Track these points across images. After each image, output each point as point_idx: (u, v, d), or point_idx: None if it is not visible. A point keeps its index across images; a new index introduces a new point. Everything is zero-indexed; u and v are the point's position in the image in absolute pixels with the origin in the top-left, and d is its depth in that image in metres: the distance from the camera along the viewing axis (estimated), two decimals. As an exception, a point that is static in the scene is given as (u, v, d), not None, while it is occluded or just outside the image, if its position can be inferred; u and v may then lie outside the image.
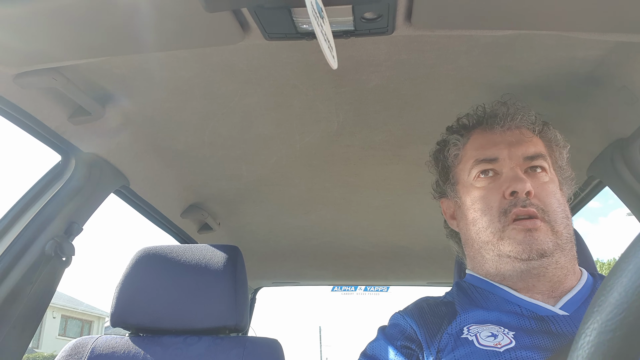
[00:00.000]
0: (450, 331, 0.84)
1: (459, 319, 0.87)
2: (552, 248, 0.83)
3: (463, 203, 0.97)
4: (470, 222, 0.94)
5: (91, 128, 1.28)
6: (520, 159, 0.91)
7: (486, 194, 0.91)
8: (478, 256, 0.94)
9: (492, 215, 0.88)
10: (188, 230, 2.07)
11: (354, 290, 6.93)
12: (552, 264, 0.84)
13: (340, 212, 2.03)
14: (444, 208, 1.07)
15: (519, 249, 0.84)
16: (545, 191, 0.89)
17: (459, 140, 1.01)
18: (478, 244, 0.92)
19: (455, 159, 1.01)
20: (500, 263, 0.88)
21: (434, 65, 1.10)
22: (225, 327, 1.26)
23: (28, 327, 1.22)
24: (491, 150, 0.93)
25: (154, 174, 1.62)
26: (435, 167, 1.08)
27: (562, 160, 0.98)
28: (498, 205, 0.88)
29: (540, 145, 0.95)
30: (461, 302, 0.92)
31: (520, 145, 0.93)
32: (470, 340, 0.80)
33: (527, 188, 0.85)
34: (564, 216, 0.88)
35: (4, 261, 1.17)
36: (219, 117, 1.33)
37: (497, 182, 0.91)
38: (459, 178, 0.99)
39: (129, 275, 1.31)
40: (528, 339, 0.77)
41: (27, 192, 1.28)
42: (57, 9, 0.78)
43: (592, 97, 1.19)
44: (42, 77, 1.03)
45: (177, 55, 1.07)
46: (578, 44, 1.02)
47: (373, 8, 0.77)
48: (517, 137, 0.94)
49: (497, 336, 0.78)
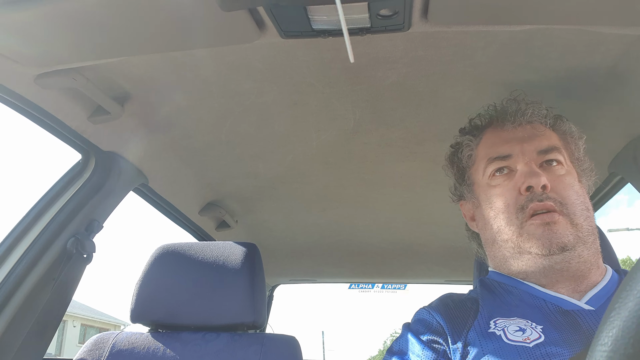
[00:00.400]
0: (476, 326, 0.83)
1: (483, 312, 0.86)
2: (572, 241, 0.82)
3: (480, 203, 0.96)
4: (488, 221, 0.93)
5: (110, 127, 1.30)
6: (533, 153, 0.90)
7: (502, 192, 0.90)
8: (499, 255, 0.93)
9: (510, 212, 0.87)
10: (206, 228, 2.09)
11: (372, 288, 6.94)
12: (574, 257, 0.83)
13: (357, 209, 2.03)
14: (464, 211, 1.06)
15: (538, 244, 0.83)
16: (562, 184, 0.87)
17: (471, 141, 1.01)
18: (498, 243, 0.91)
19: (469, 160, 1.00)
20: (521, 260, 0.87)
21: (450, 62, 1.09)
22: (244, 324, 1.27)
23: (51, 323, 1.25)
24: (503, 148, 0.93)
25: (173, 172, 1.64)
26: (450, 170, 1.08)
27: (579, 152, 0.96)
28: (515, 202, 0.87)
29: (554, 138, 0.94)
30: (485, 297, 0.91)
31: (532, 140, 0.92)
32: (498, 335, 0.78)
33: (543, 182, 0.84)
34: (584, 208, 0.86)
35: (27, 258, 1.20)
36: (236, 115, 1.34)
37: (512, 179, 0.90)
38: (474, 179, 0.99)
39: (149, 272, 1.32)
40: (557, 334, 0.75)
41: (49, 190, 1.31)
42: (76, 10, 0.79)
43: (613, 92, 1.17)
44: (62, 77, 1.05)
45: (194, 54, 1.08)
46: (598, 39, 1.00)
47: (389, 5, 0.76)
48: (529, 132, 0.93)
49: (525, 330, 0.77)
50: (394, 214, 2.07)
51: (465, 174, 1.02)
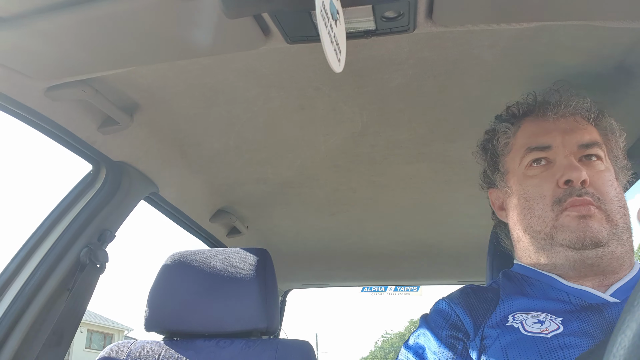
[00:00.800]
0: (494, 318, 0.83)
1: (502, 305, 0.85)
2: (607, 237, 0.80)
3: (514, 192, 0.93)
4: (521, 211, 0.90)
5: (120, 137, 1.31)
6: (574, 146, 0.88)
7: (539, 183, 0.88)
8: (529, 246, 0.91)
9: (545, 204, 0.85)
10: (217, 235, 2.09)
11: (384, 290, 6.92)
12: (607, 254, 0.81)
13: (367, 212, 2.02)
14: (492, 199, 1.03)
15: (572, 237, 0.81)
16: (602, 180, 0.85)
17: (509, 128, 0.97)
18: (530, 234, 0.89)
19: (505, 147, 0.98)
20: (552, 252, 0.85)
21: (457, 61, 1.08)
22: (257, 330, 1.27)
23: (66, 333, 1.25)
24: (544, 138, 0.90)
25: (182, 180, 1.65)
26: (483, 156, 1.05)
27: (618, 149, 0.94)
28: (552, 194, 0.85)
29: (595, 133, 0.91)
30: (506, 289, 0.89)
31: (574, 132, 0.89)
32: (516, 327, 0.77)
33: (583, 177, 0.82)
34: (621, 206, 0.84)
35: (41, 269, 1.21)
36: (243, 121, 1.34)
37: (551, 171, 0.87)
38: (509, 167, 0.96)
39: (161, 280, 1.33)
40: (577, 325, 0.74)
41: (61, 201, 1.32)
42: (84, 23, 0.80)
43: (623, 86, 1.16)
44: (72, 89, 1.06)
45: (200, 62, 1.09)
46: (606, 33, 0.99)
47: (393, 7, 0.76)
48: (571, 125, 0.90)
49: (543, 322, 0.76)
50: (404, 216, 2.06)
51: (499, 162, 0.99)
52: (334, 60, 0.68)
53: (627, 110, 1.22)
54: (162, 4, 0.75)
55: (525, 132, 0.95)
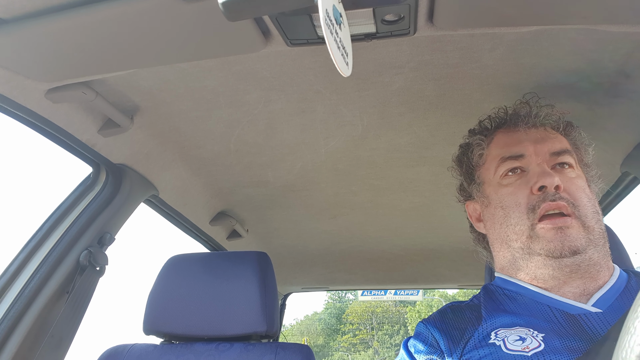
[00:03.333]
0: (476, 336, 0.83)
1: (485, 324, 0.85)
2: (584, 244, 0.82)
3: (490, 202, 0.96)
4: (498, 220, 0.92)
5: (120, 140, 1.31)
6: (546, 155, 0.91)
7: (514, 191, 0.90)
8: (508, 256, 0.92)
9: (521, 212, 0.87)
10: (217, 238, 2.09)
11: (384, 294, 6.94)
12: (585, 260, 0.82)
13: (367, 215, 2.02)
14: (470, 211, 1.06)
15: (550, 246, 0.82)
16: (574, 186, 0.88)
17: (482, 140, 1.01)
18: (507, 244, 0.91)
19: (480, 159, 1.00)
20: (531, 262, 0.87)
21: (457, 65, 1.08)
22: (257, 334, 1.27)
23: (66, 336, 1.25)
24: (517, 147, 0.93)
25: (183, 183, 1.65)
26: (459, 169, 1.08)
27: (588, 158, 0.97)
28: (526, 202, 0.87)
29: (565, 142, 0.95)
30: (488, 306, 0.90)
31: (545, 141, 0.92)
32: (497, 345, 0.78)
33: (556, 182, 0.85)
34: (594, 211, 0.86)
35: (41, 272, 1.21)
36: (244, 124, 1.34)
37: (525, 179, 0.90)
38: (484, 178, 0.99)
39: (161, 283, 1.33)
40: (558, 341, 0.75)
41: (61, 204, 1.32)
42: (84, 25, 0.80)
43: (624, 91, 1.16)
44: (72, 91, 1.06)
45: (201, 65, 1.09)
46: (607, 37, 0.99)
47: (394, 10, 0.76)
48: (542, 134, 0.94)
49: (525, 340, 0.77)
50: (405, 220, 2.06)
51: (474, 174, 1.02)
52: (342, 64, 0.68)
53: (628, 115, 1.22)
54: (163, 7, 0.75)
55: (498, 143, 0.98)
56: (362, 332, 38.16)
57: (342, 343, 38.23)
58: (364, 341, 37.78)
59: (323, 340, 39.30)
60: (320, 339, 39.22)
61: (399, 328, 36.49)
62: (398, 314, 37.47)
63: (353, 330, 38.39)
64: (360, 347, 37.58)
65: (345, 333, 38.65)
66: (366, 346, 37.60)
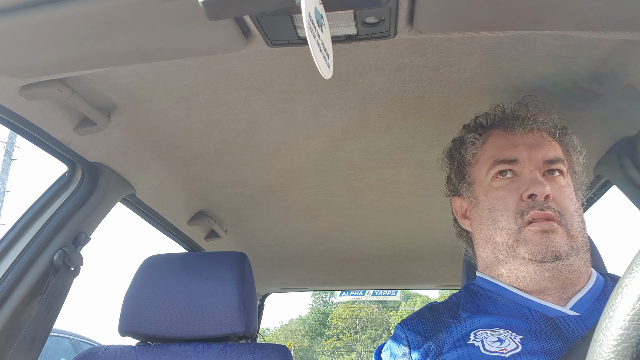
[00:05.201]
0: (454, 336, 0.84)
1: (464, 324, 0.86)
2: (567, 251, 0.83)
3: (478, 203, 0.96)
4: (485, 222, 0.93)
5: (97, 138, 1.29)
6: (540, 161, 0.91)
7: (504, 195, 0.90)
8: (491, 257, 0.93)
9: (509, 216, 0.88)
10: (195, 238, 2.07)
11: (362, 295, 6.99)
12: (566, 266, 0.84)
13: (346, 216, 2.03)
14: (456, 207, 1.06)
15: (534, 250, 0.84)
16: (563, 195, 0.89)
17: (477, 139, 1.00)
18: (492, 245, 0.92)
19: (472, 158, 1.00)
20: (514, 264, 0.88)
21: (437, 68, 1.10)
22: (234, 334, 1.26)
23: (38, 338, 1.22)
24: (511, 151, 0.93)
25: (161, 182, 1.63)
26: (449, 164, 1.08)
27: (578, 166, 0.98)
28: (515, 207, 0.88)
29: (559, 149, 0.95)
30: (468, 307, 0.91)
31: (540, 148, 0.93)
32: (476, 346, 0.79)
33: (547, 192, 0.85)
34: (580, 220, 0.88)
35: (13, 272, 1.18)
36: (223, 124, 1.33)
37: (515, 184, 0.90)
38: (475, 177, 0.98)
39: (137, 283, 1.31)
40: (536, 343, 0.76)
41: (35, 202, 1.29)
42: (60, 21, 0.78)
43: (597, 96, 1.18)
44: (47, 88, 1.04)
45: (180, 63, 1.08)
46: (581, 44, 1.01)
47: (375, 12, 0.76)
48: (537, 140, 0.94)
49: (503, 341, 0.78)
50: (384, 220, 2.07)
51: (465, 172, 1.02)
52: (324, 66, 0.68)
53: (601, 120, 1.25)
54: (142, 4, 0.74)
55: (493, 144, 0.98)
56: (346, 335, 38.42)
57: (327, 347, 38.40)
58: (348, 345, 37.98)
59: (307, 344, 39.47)
60: (305, 343, 39.40)
61: (382, 332, 36.76)
62: (381, 318, 37.77)
63: (337, 334, 38.61)
64: (344, 351, 37.81)
65: (330, 337, 38.86)
66: (350, 350, 37.82)
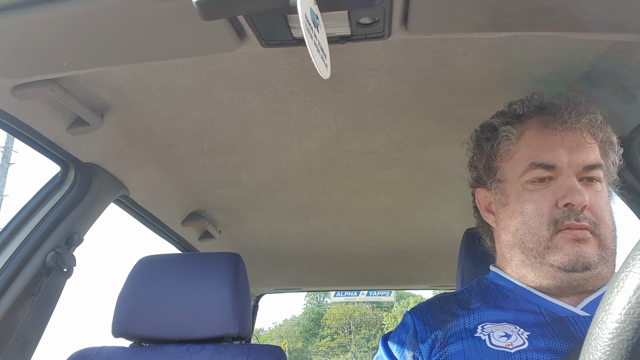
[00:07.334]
0: (462, 327, 0.84)
1: (472, 316, 0.85)
2: (597, 261, 0.80)
3: (508, 203, 0.90)
4: (514, 224, 0.87)
5: (90, 138, 1.28)
6: (579, 167, 0.85)
7: (538, 199, 0.85)
8: (516, 259, 0.89)
9: (542, 223, 0.83)
10: (189, 239, 2.07)
11: (357, 295, 6.99)
12: (593, 276, 0.80)
13: (340, 217, 2.03)
14: (480, 198, 0.99)
15: (565, 259, 0.80)
16: (599, 203, 0.84)
17: (512, 133, 0.92)
18: (521, 249, 0.87)
19: (506, 154, 0.92)
20: (540, 271, 0.84)
21: (430, 69, 1.10)
22: (228, 335, 1.26)
23: (31, 339, 1.22)
24: (550, 155, 0.85)
25: (154, 183, 1.62)
26: (477, 154, 0.99)
27: (614, 165, 0.92)
28: (549, 214, 0.83)
29: (598, 153, 0.88)
30: (478, 299, 0.90)
31: (581, 151, 0.85)
32: (482, 339, 0.79)
33: (585, 202, 0.80)
34: (613, 229, 0.84)
35: (5, 273, 1.17)
36: (217, 124, 1.33)
37: (551, 188, 0.84)
38: (507, 175, 0.91)
39: (130, 284, 1.30)
40: (542, 341, 0.75)
41: (27, 203, 1.28)
42: (53, 21, 0.78)
43: (590, 97, 1.19)
44: (40, 88, 1.03)
45: (174, 64, 1.07)
46: (574, 45, 1.02)
47: (369, 13, 0.77)
48: (577, 141, 0.86)
49: (510, 336, 0.77)
50: (378, 221, 2.07)
51: (496, 168, 0.94)
52: (322, 66, 0.68)
53: None
54: (135, 4, 0.74)
55: (529, 143, 0.90)
56: (340, 335, 38.46)
57: (321, 347, 38.41)
58: (342, 345, 38.02)
59: (302, 344, 39.47)
60: (299, 343, 39.41)
61: (376, 332, 36.81)
62: (375, 318, 37.82)
63: (331, 334, 38.63)
64: (338, 351, 37.84)
65: (324, 337, 38.88)
66: (344, 350, 37.87)
